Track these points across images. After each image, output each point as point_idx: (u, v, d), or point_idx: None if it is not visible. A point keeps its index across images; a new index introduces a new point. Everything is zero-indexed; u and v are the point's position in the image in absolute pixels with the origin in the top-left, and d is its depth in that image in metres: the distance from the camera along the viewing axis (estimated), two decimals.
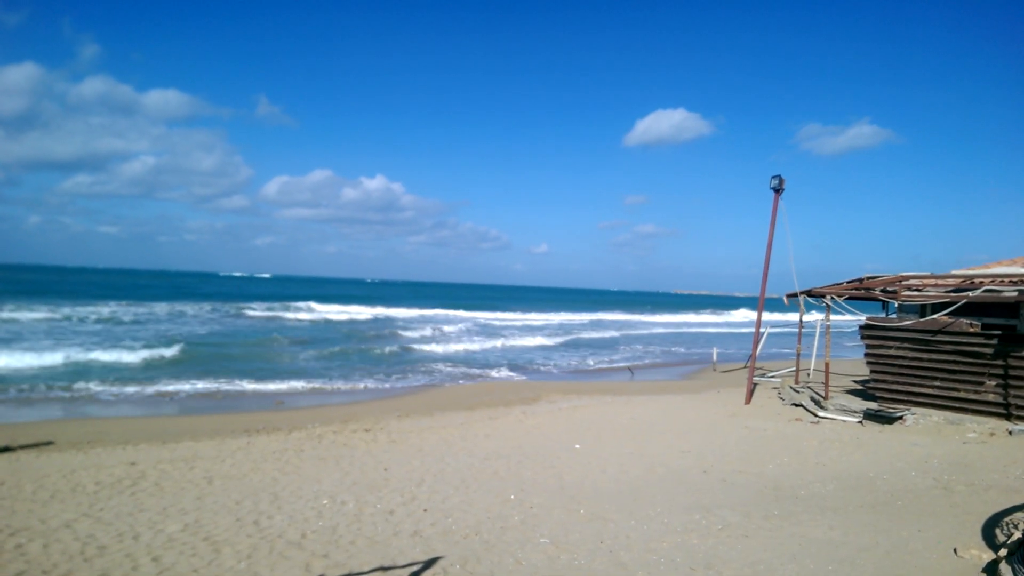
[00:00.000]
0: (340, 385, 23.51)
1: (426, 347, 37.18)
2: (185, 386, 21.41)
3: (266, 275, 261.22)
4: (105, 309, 46.26)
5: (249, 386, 22.14)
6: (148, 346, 29.51)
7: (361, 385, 23.74)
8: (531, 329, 55.40)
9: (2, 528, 8.20)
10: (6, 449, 12.82)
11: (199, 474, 11.10)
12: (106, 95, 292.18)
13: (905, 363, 16.46)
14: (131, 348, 28.58)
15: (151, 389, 20.80)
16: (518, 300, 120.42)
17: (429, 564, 7.25)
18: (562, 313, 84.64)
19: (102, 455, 12.43)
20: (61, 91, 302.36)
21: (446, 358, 33.06)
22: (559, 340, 46.00)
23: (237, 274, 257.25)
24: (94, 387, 20.45)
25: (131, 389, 20.62)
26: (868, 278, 18.67)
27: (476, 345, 39.94)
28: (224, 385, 22.00)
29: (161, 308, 53.26)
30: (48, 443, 13.47)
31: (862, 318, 17.78)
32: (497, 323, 62.17)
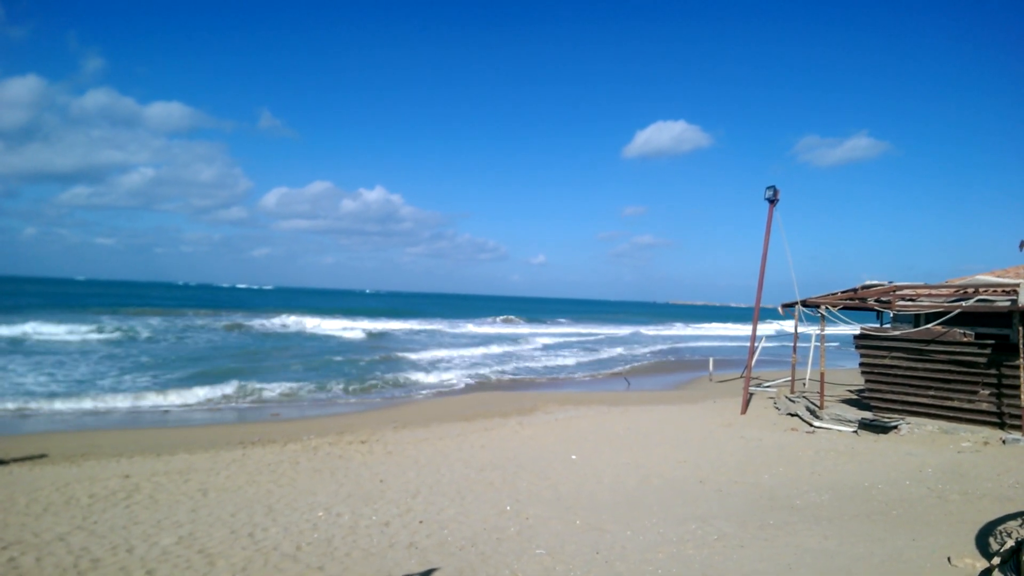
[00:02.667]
0: (337, 397, 23.48)
1: (431, 358, 36.79)
2: (188, 398, 21.38)
3: (269, 286, 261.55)
4: (115, 323, 45.98)
5: (249, 399, 22.11)
6: (164, 363, 29.50)
7: (354, 397, 23.71)
8: (570, 345, 51.94)
9: None
10: None
11: (194, 486, 11.06)
12: (108, 107, 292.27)
13: (900, 373, 16.50)
14: (148, 367, 28.52)
15: (147, 402, 20.76)
16: (531, 311, 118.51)
17: None
18: (592, 325, 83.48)
19: (96, 468, 12.38)
20: (63, 103, 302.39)
21: (454, 369, 32.78)
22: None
23: (241, 286, 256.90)
24: (87, 401, 20.35)
25: (126, 402, 20.56)
26: (863, 288, 18.73)
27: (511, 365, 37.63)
28: (229, 397, 21.96)
29: (170, 322, 53.40)
30: (41, 456, 13.42)
31: (857, 328, 17.82)
32: (555, 339, 58.41)
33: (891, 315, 18.11)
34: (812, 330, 22.44)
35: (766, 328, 51.59)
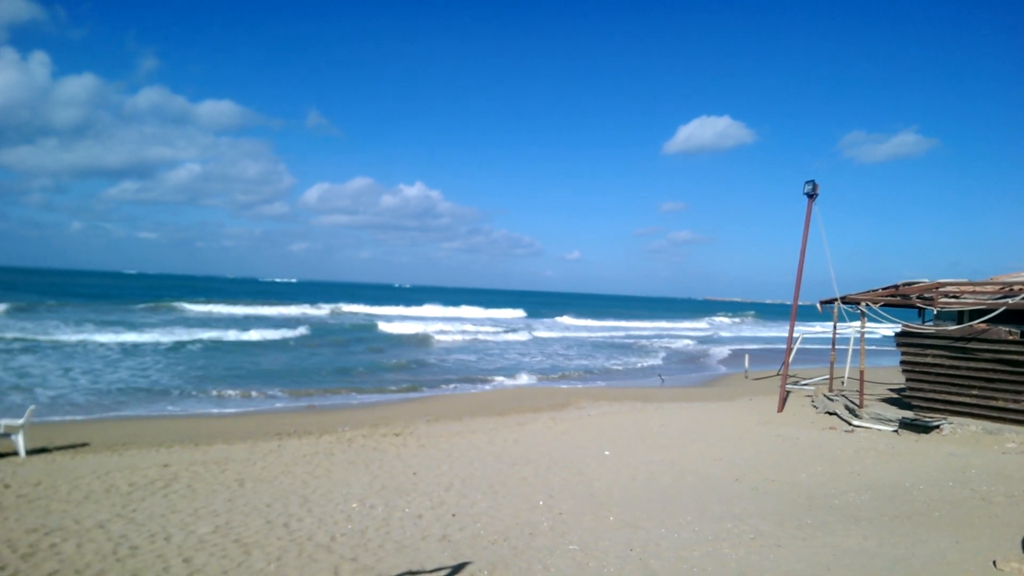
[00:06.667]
0: (376, 389, 23.64)
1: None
2: (229, 390, 21.71)
3: (313, 280, 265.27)
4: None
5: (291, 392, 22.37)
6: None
7: (401, 395, 23.85)
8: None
9: (37, 527, 8.34)
10: (43, 450, 13.06)
11: (231, 476, 11.21)
12: (160, 105, 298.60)
13: (942, 371, 16.12)
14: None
15: (201, 392, 21.18)
16: (578, 308, 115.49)
17: (457, 569, 7.23)
18: (665, 321, 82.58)
19: (136, 457, 12.61)
20: (117, 102, 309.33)
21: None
22: None
23: (292, 280, 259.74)
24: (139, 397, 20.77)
25: (179, 392, 20.97)
26: (904, 285, 18.32)
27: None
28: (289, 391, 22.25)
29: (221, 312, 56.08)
30: (84, 444, 13.70)
31: (898, 326, 17.45)
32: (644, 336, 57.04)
33: (934, 312, 17.70)
34: (852, 326, 22.03)
35: (815, 329, 49.65)
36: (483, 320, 69.02)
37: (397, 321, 55.82)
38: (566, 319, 78.97)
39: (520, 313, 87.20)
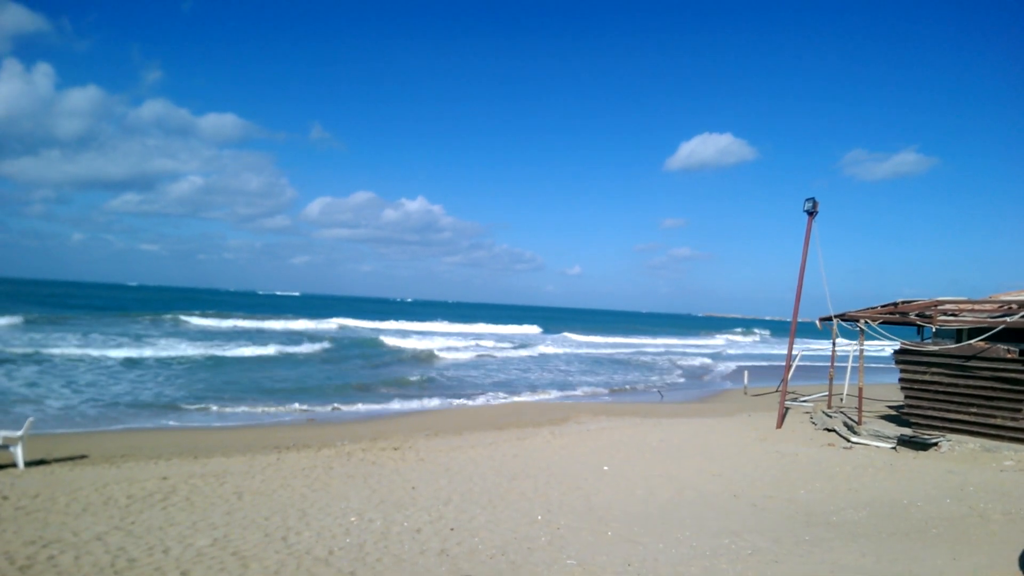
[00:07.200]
0: (375, 402, 23.63)
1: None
2: (228, 404, 21.69)
3: (314, 293, 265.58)
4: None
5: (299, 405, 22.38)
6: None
7: (395, 404, 23.84)
8: None
9: (35, 540, 8.34)
10: (42, 462, 13.07)
11: (229, 489, 11.21)
12: (163, 118, 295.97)
13: (941, 389, 16.13)
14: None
15: (200, 405, 21.20)
16: (583, 324, 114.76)
17: None
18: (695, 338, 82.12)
19: (135, 469, 12.60)
20: (120, 113, 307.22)
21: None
22: None
23: (295, 293, 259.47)
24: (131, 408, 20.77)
25: (179, 405, 20.97)
26: (903, 302, 18.38)
27: None
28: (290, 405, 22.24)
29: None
30: (82, 457, 13.70)
31: (897, 343, 17.48)
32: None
33: (932, 330, 17.74)
34: (854, 344, 22.07)
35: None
36: (488, 335, 68.67)
37: (401, 336, 55.62)
38: (573, 335, 78.43)
39: (532, 329, 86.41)
